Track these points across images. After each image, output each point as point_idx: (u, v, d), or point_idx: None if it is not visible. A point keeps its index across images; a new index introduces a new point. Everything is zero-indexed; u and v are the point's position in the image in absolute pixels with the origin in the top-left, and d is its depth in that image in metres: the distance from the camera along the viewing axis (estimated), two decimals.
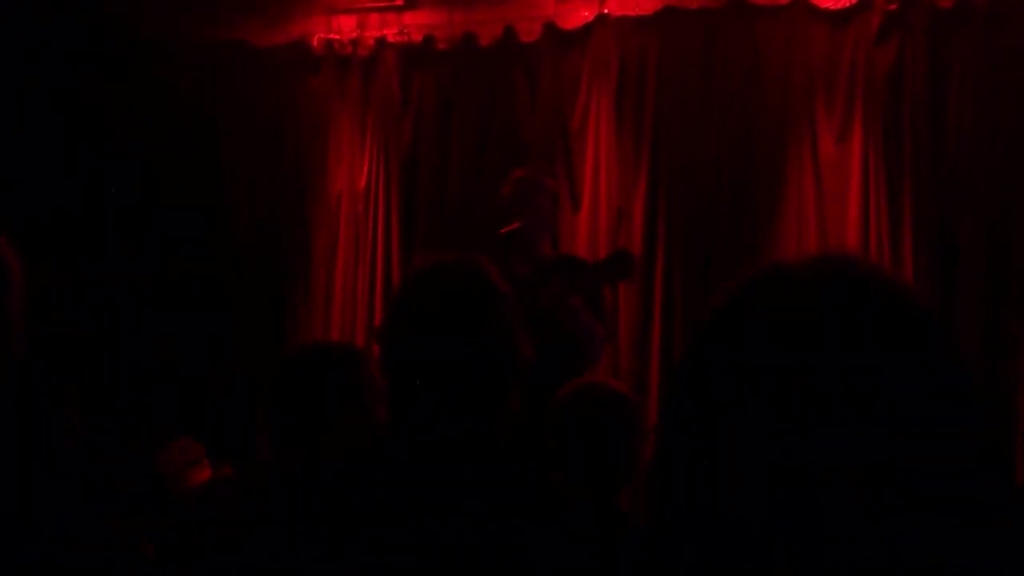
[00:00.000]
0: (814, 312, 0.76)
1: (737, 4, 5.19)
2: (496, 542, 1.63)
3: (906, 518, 0.71)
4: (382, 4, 5.73)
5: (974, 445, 0.75)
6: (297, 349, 3.65)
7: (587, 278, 4.09)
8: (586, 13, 5.45)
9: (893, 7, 5.01)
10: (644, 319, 5.22)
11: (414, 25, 5.69)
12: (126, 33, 5.77)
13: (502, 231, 4.17)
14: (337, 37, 5.77)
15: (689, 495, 0.78)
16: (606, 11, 5.41)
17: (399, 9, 5.71)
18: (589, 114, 5.43)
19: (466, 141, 5.57)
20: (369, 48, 5.73)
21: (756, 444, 0.74)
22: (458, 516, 1.65)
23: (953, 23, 4.95)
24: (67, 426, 1.81)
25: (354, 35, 5.75)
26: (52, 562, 1.70)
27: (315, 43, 5.79)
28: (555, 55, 5.49)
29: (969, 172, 4.85)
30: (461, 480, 1.70)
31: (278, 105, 5.84)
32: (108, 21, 5.74)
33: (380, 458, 1.78)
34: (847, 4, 5.09)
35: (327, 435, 2.61)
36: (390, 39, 5.70)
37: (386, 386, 1.89)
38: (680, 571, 0.78)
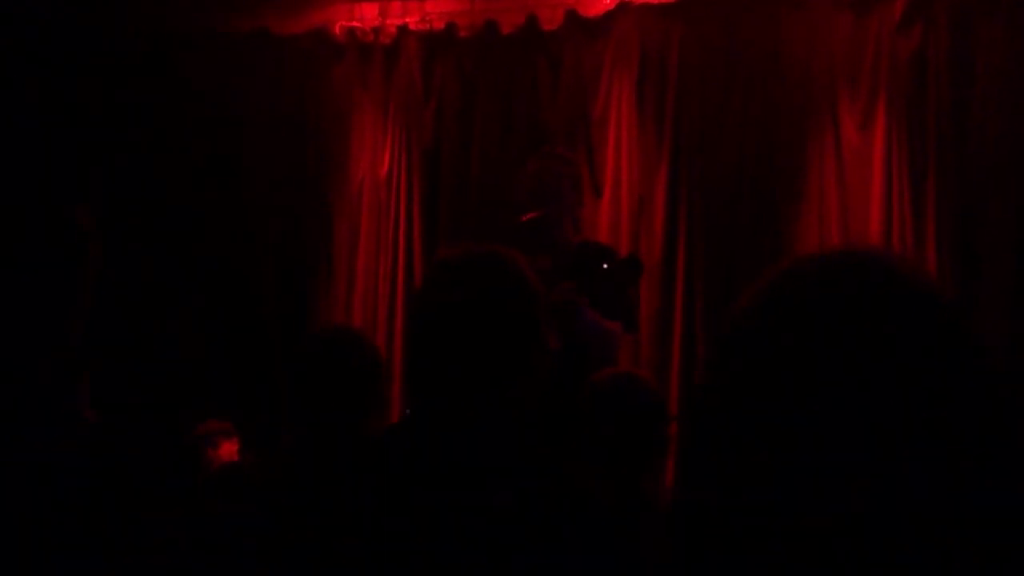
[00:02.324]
0: (843, 308, 0.77)
1: None
2: (516, 532, 1.64)
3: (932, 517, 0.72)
4: None
5: (1006, 443, 0.75)
6: (313, 334, 3.66)
7: (598, 281, 4.03)
8: (608, 1, 5.44)
9: None
10: (665, 308, 5.22)
11: (436, 13, 5.70)
12: (147, 22, 5.79)
13: (523, 219, 4.15)
14: (359, 25, 5.79)
15: (720, 482, 0.79)
16: None
17: None
18: (611, 102, 5.42)
19: (488, 129, 5.57)
20: (391, 36, 5.74)
21: (786, 438, 0.74)
22: (477, 506, 1.65)
23: (977, 10, 4.92)
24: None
25: (376, 23, 5.76)
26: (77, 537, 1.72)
27: (337, 31, 5.81)
28: (577, 43, 5.49)
29: (993, 160, 4.82)
30: (481, 471, 1.71)
31: (300, 93, 5.85)
32: (129, 10, 5.77)
33: (400, 448, 1.79)
34: None
35: (345, 421, 2.63)
36: (412, 27, 5.71)
37: (409, 376, 1.89)
38: (710, 550, 0.79)
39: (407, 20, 5.72)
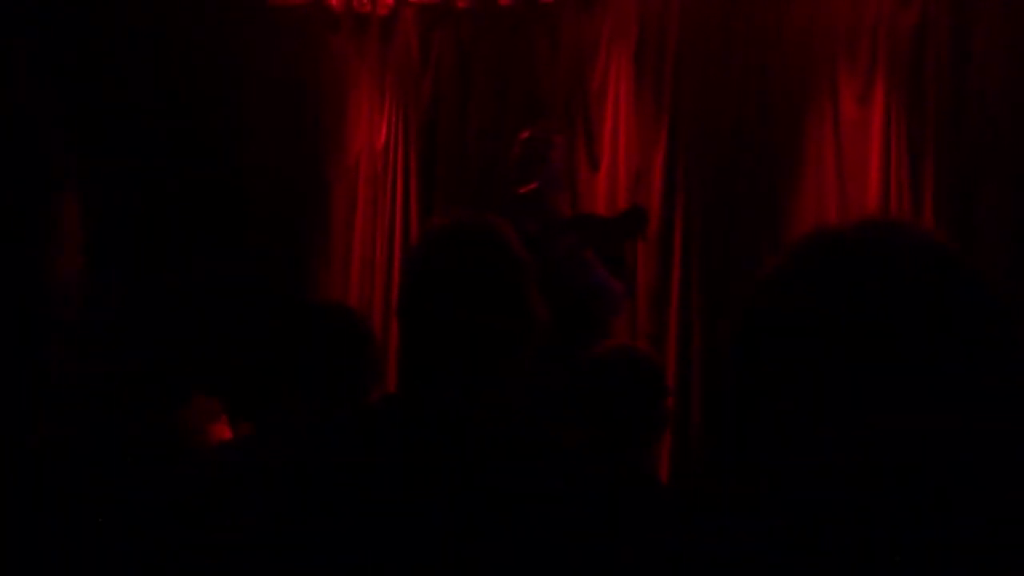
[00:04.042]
0: (867, 274, 0.77)
1: None
2: (510, 504, 1.64)
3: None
4: None
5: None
6: (305, 308, 3.65)
7: (602, 232, 4.06)
8: None
9: None
10: (662, 280, 5.22)
11: None
12: None
13: (520, 191, 4.15)
14: None
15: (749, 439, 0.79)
16: None
17: None
18: (609, 75, 5.40)
19: (485, 101, 5.55)
20: (388, 6, 5.69)
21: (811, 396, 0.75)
22: (469, 478, 1.65)
23: None
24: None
25: None
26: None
27: (334, 1, 5.76)
28: (575, 15, 5.46)
29: (992, 134, 4.82)
30: (472, 443, 1.70)
31: (297, 64, 5.81)
32: None
33: (390, 420, 1.79)
34: None
35: (335, 396, 2.62)
36: None
37: (399, 348, 1.89)
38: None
39: None
